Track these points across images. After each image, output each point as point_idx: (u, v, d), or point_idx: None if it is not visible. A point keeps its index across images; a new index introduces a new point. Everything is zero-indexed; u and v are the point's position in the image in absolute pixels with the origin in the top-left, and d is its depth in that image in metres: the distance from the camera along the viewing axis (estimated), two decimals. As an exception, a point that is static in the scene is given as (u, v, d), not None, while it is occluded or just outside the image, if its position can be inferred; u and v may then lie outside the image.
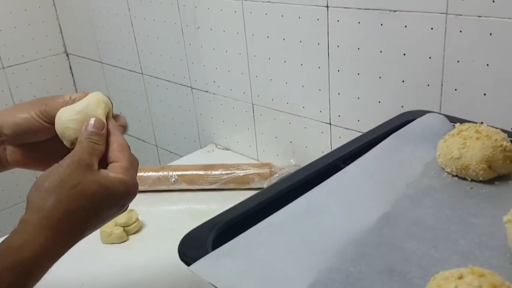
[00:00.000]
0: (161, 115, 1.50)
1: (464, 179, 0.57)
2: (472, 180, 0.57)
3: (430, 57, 0.87)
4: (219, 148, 1.35)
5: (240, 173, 1.12)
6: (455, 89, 0.86)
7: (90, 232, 0.50)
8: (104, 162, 0.51)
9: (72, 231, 0.46)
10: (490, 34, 0.78)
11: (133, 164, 0.53)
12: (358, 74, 0.98)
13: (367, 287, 0.43)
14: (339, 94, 1.04)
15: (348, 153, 0.61)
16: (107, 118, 0.55)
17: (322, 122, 1.09)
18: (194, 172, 1.14)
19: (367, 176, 0.57)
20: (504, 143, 0.55)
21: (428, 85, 0.89)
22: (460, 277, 0.38)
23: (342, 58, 1.00)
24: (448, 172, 0.58)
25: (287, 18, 1.04)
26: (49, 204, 0.45)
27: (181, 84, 1.37)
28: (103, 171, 0.49)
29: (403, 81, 0.92)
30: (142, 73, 1.49)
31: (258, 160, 1.27)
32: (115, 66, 1.58)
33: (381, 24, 0.91)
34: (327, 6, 0.97)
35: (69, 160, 0.49)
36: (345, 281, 0.43)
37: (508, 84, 0.79)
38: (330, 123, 1.08)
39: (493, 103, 0.82)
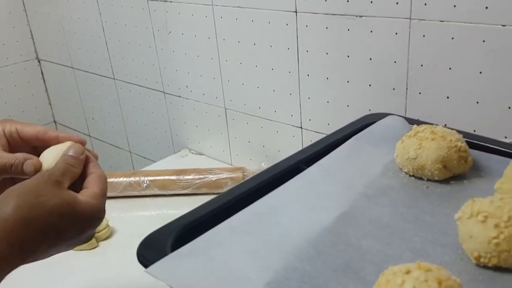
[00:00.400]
0: (134, 120, 1.51)
1: (421, 179, 0.59)
2: (428, 180, 0.59)
3: (395, 62, 0.89)
4: (192, 153, 1.36)
5: (213, 177, 1.13)
6: (419, 93, 0.88)
7: (51, 252, 0.50)
8: (79, 189, 0.53)
9: (29, 240, 0.46)
10: (452, 38, 0.81)
11: (104, 194, 0.54)
12: (327, 78, 1.01)
13: (322, 284, 0.44)
14: (309, 98, 1.06)
15: (310, 155, 0.63)
16: None
17: (293, 126, 1.11)
18: (166, 177, 1.14)
19: (327, 177, 0.58)
20: (459, 143, 0.58)
21: (394, 89, 0.91)
22: (408, 272, 0.39)
23: (311, 62, 1.02)
24: (405, 172, 0.60)
25: (257, 23, 1.06)
26: (9, 208, 0.46)
27: (153, 89, 1.38)
28: (71, 191, 0.50)
29: (370, 85, 0.94)
30: (114, 78, 1.49)
31: (231, 165, 1.28)
32: (87, 72, 1.58)
33: (348, 29, 0.93)
34: (295, 12, 0.99)
35: (40, 174, 0.51)
36: (300, 280, 0.45)
37: (470, 87, 0.81)
38: (301, 127, 1.10)
39: (455, 106, 0.84)
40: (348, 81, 0.97)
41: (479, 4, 0.76)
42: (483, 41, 0.78)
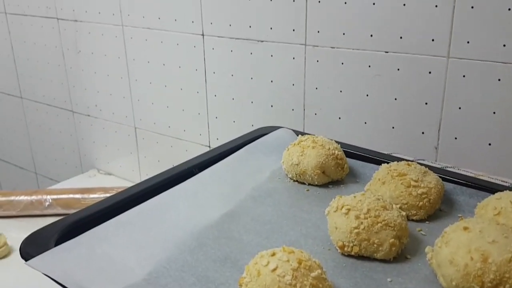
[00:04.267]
0: (40, 140, 1.48)
1: (303, 183, 0.65)
2: (309, 184, 0.65)
3: (293, 84, 0.97)
4: (101, 173, 1.36)
5: (120, 196, 1.13)
6: (315, 114, 0.96)
7: None
8: None
9: None
10: (342, 63, 0.90)
11: None
12: (233, 99, 1.06)
13: (200, 272, 0.47)
14: (216, 118, 1.11)
15: (204, 161, 0.67)
16: None
17: (202, 145, 1.15)
18: (71, 196, 1.13)
19: (217, 180, 0.62)
20: (336, 151, 0.64)
21: (293, 109, 0.98)
22: (273, 254, 0.44)
23: (218, 83, 1.07)
24: (290, 178, 0.66)
25: (166, 44, 1.10)
26: None
27: (62, 108, 1.37)
28: None
29: (272, 106, 1.01)
30: (21, 97, 1.46)
31: (140, 185, 1.29)
32: (-7, 90, 1.54)
33: (251, 53, 1.00)
34: (202, 35, 1.05)
35: None
36: (180, 269, 0.47)
37: (358, 108, 0.90)
38: (209, 146, 1.14)
39: (346, 126, 0.92)
40: (252, 102, 1.03)
41: (365, 32, 0.85)
42: (369, 66, 0.87)
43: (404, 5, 0.80)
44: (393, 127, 0.87)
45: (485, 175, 0.62)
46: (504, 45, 0.73)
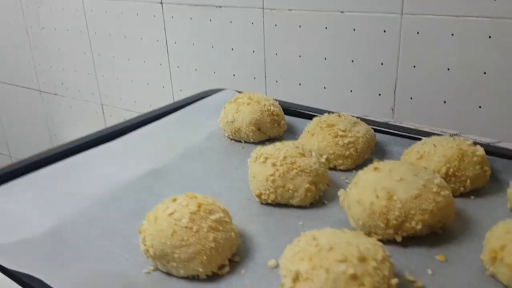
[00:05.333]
0: (12, 122, 1.48)
1: (240, 141, 0.64)
2: (245, 142, 0.64)
3: (253, 51, 0.96)
4: (71, 153, 1.36)
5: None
6: (276, 81, 0.95)
7: None
8: None
9: None
10: (300, 26, 0.89)
11: None
12: (196, 70, 1.06)
13: (108, 225, 0.47)
14: (181, 90, 1.10)
15: (140, 122, 0.67)
16: None
17: (169, 120, 1.14)
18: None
19: (146, 140, 0.62)
20: (272, 107, 0.64)
21: (255, 77, 0.98)
22: (174, 200, 0.43)
23: (180, 54, 1.06)
24: (227, 136, 0.65)
25: (126, 15, 1.10)
26: None
27: (29, 88, 1.37)
28: None
29: (234, 75, 1.00)
30: (-12, 79, 1.47)
31: (111, 164, 1.29)
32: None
33: (210, 20, 0.99)
34: (161, 3, 1.04)
35: None
36: (88, 222, 0.47)
37: (317, 72, 0.89)
38: (175, 121, 1.13)
39: (307, 91, 0.92)
40: (214, 72, 1.03)
41: (321, -8, 0.84)
42: (326, 27, 0.86)
43: (355, -40, 0.79)
44: (351, 91, 0.87)
45: (427, 128, 0.61)
46: (455, -3, 0.72)
